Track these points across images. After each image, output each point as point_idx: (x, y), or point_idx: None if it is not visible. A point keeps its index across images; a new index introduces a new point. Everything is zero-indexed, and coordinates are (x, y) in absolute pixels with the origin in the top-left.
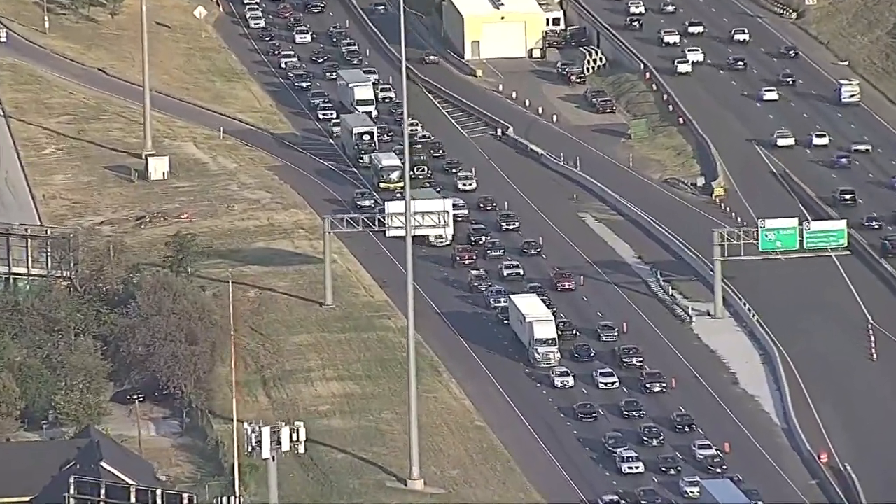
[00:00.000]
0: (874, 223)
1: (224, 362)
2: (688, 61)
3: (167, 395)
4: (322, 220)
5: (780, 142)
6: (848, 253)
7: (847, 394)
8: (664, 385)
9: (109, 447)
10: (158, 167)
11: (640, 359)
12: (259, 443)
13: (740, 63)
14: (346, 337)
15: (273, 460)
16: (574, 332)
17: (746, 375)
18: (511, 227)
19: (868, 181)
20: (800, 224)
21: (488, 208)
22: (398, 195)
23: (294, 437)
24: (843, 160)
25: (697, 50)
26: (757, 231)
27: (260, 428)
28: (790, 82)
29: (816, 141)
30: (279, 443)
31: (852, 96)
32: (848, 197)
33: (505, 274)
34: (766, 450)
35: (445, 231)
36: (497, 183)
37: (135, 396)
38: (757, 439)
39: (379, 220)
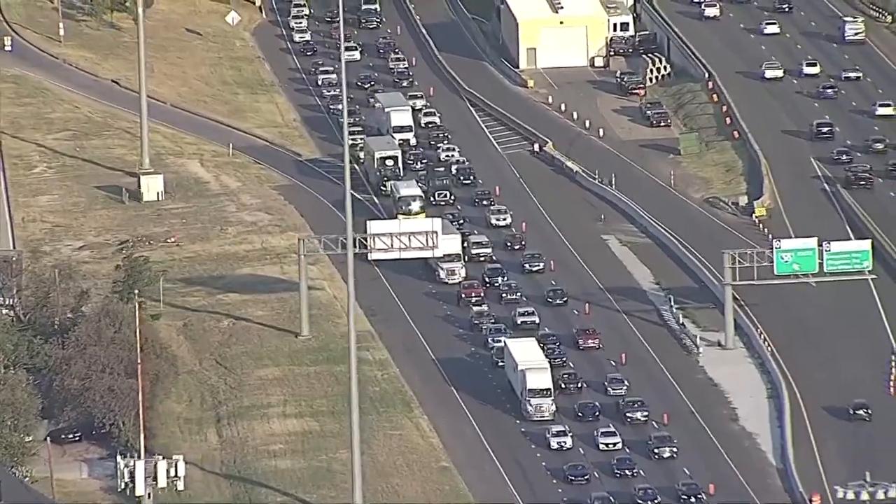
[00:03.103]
0: (843, 156)
1: (171, 397)
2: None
3: (106, 433)
4: (298, 242)
5: (769, 73)
6: (873, 277)
7: (855, 432)
8: (674, 450)
9: (14, 489)
10: (152, 187)
11: (646, 413)
12: (133, 479)
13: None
14: (316, 370)
15: (149, 497)
16: (579, 384)
17: (748, 411)
18: (535, 268)
19: (851, 110)
20: (819, 245)
21: (516, 248)
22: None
23: (172, 473)
24: (830, 90)
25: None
26: (771, 253)
27: (134, 462)
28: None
29: (807, 70)
30: (155, 479)
31: (857, 34)
32: (825, 130)
33: (519, 322)
34: (755, 492)
35: (459, 268)
36: (523, 204)
37: (48, 436)
38: (747, 480)
39: (361, 241)
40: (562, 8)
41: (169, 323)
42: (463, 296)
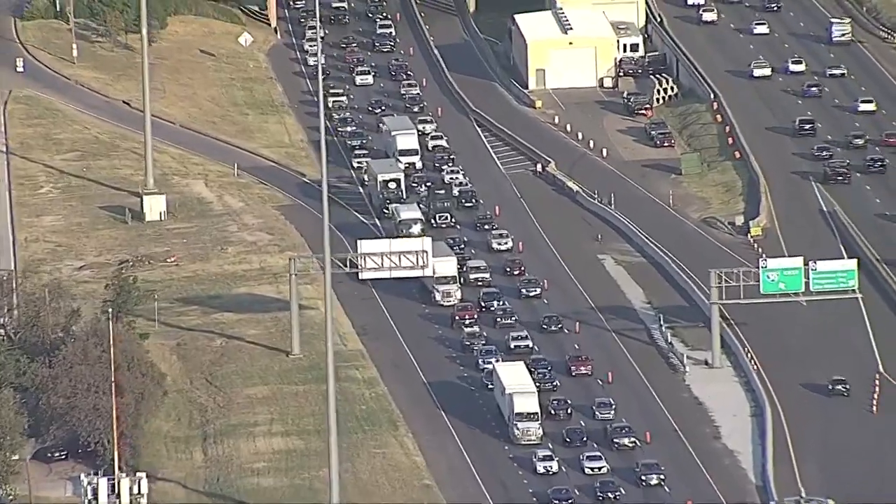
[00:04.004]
0: (824, 153)
1: (160, 415)
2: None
3: (91, 451)
4: (289, 261)
5: (757, 72)
6: (857, 296)
7: (836, 450)
8: (662, 477)
9: None
10: (155, 207)
11: (634, 440)
12: (96, 496)
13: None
14: (304, 389)
15: None
16: (569, 411)
17: (731, 429)
18: (532, 293)
19: (834, 106)
20: (805, 264)
21: (515, 272)
22: None
23: (135, 490)
24: (814, 89)
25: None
26: (758, 271)
27: (97, 479)
28: None
29: (793, 67)
30: (119, 496)
31: (843, 35)
32: (807, 127)
33: (512, 346)
34: None
35: (454, 291)
36: (521, 223)
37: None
38: (726, 497)
39: (350, 261)
40: (571, 29)
41: (163, 342)
42: (457, 318)
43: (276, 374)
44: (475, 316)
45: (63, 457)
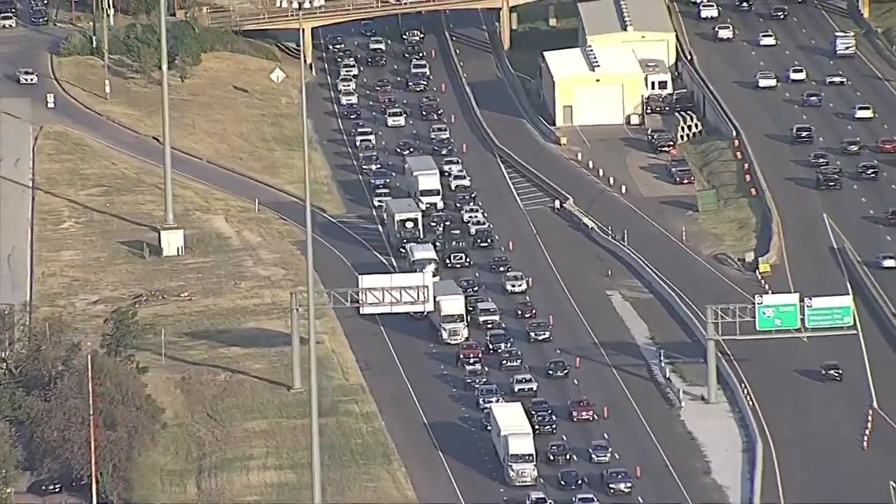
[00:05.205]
0: (821, 160)
1: (158, 448)
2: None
3: (85, 485)
4: (290, 296)
5: (762, 83)
6: (854, 332)
7: (823, 485)
8: None
9: None
10: (172, 242)
11: (629, 485)
12: None
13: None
14: (302, 423)
15: None
16: (567, 456)
17: (722, 464)
18: (541, 337)
19: (832, 113)
20: (801, 301)
21: (526, 315)
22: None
23: None
24: (813, 98)
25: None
26: (754, 308)
27: None
28: None
29: (794, 76)
30: None
31: (847, 49)
32: (804, 134)
33: (516, 389)
34: None
35: (461, 329)
36: (534, 259)
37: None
38: None
39: (351, 296)
40: (598, 66)
41: (168, 376)
42: (461, 356)
43: (275, 408)
44: (479, 354)
45: (57, 490)
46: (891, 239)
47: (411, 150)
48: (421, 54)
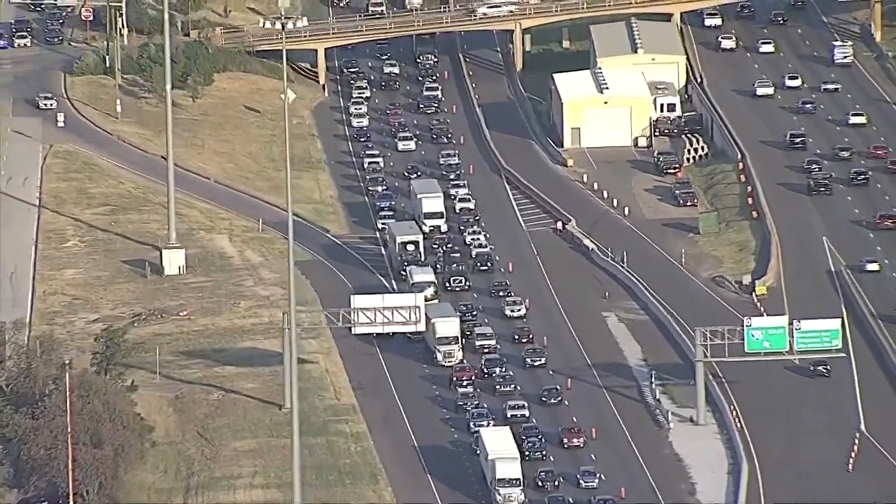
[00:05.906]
0: (814, 165)
1: (147, 467)
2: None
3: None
4: (282, 315)
5: (760, 91)
6: (842, 356)
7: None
8: None
9: None
10: (174, 261)
11: None
12: None
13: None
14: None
15: None
16: (556, 482)
17: (707, 486)
18: (536, 363)
19: (827, 119)
20: (790, 324)
21: (524, 340)
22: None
23: None
24: (808, 106)
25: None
26: (742, 330)
27: None
28: None
29: (789, 83)
30: None
31: (845, 57)
32: (797, 140)
33: (509, 415)
34: None
35: (456, 352)
36: (533, 280)
37: None
38: None
39: (343, 315)
40: (607, 88)
41: (161, 394)
42: (454, 378)
43: (265, 427)
44: (472, 376)
45: None
46: (877, 243)
47: (419, 174)
48: (434, 77)
